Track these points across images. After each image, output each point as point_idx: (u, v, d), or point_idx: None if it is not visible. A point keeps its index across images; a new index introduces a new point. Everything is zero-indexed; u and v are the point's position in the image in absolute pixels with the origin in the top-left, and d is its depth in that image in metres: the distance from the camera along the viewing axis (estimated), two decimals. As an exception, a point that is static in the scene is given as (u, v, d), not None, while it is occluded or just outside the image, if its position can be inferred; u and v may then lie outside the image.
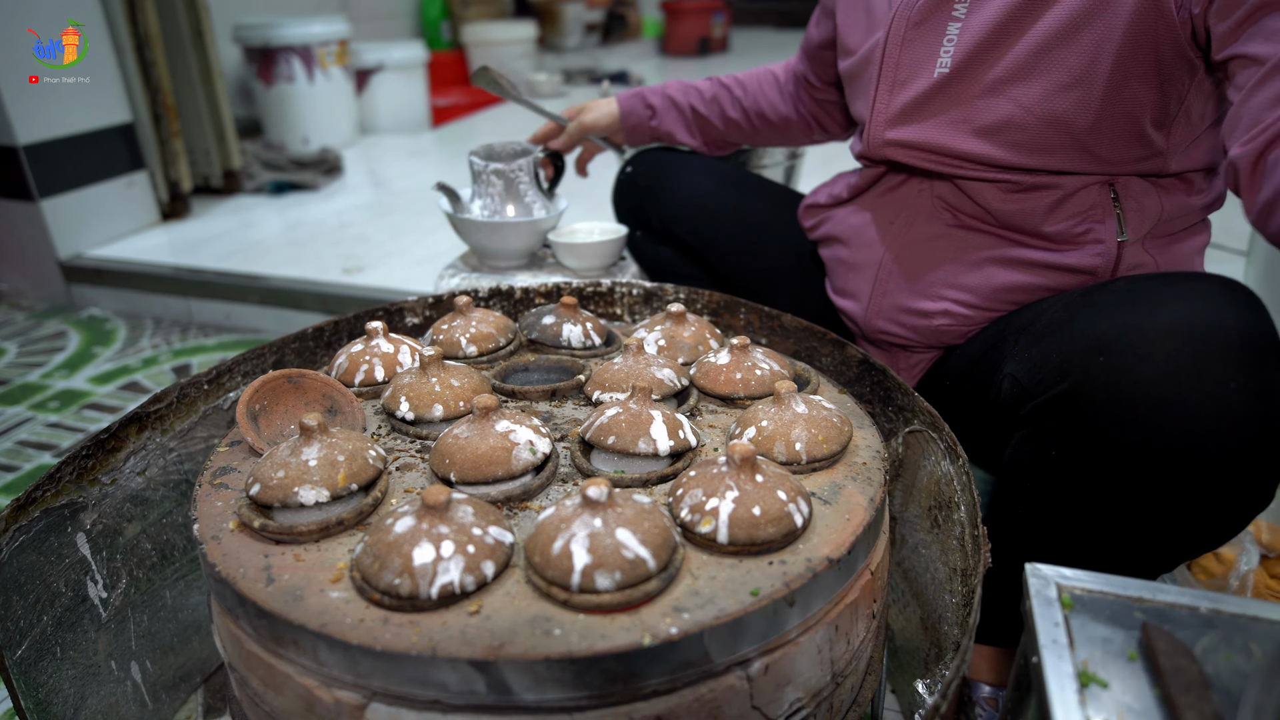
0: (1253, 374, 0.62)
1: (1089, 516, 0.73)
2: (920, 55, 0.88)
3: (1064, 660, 0.51)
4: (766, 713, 0.59)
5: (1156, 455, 0.65)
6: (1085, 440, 0.69)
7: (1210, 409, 0.62)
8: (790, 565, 0.59)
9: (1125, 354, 0.65)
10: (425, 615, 0.55)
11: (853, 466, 0.72)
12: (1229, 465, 0.64)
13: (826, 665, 0.63)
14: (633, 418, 0.70)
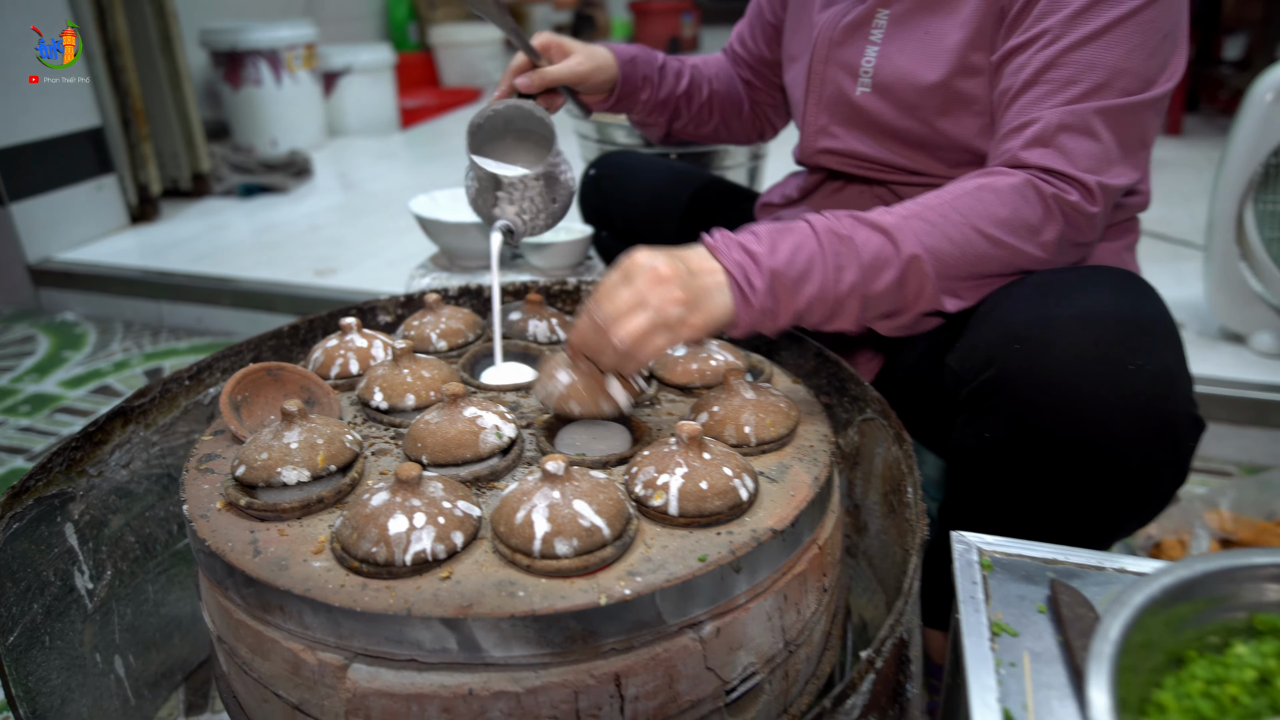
0: (1149, 356, 0.70)
1: (1025, 495, 0.80)
2: (843, 73, 0.97)
3: (979, 613, 0.58)
4: (720, 674, 0.65)
5: (1071, 434, 0.72)
6: (1011, 422, 0.76)
7: (1113, 389, 0.70)
8: (737, 535, 0.66)
9: (1037, 341, 0.72)
10: (400, 581, 0.61)
11: (800, 449, 0.79)
12: (1135, 441, 0.71)
13: (778, 633, 0.69)
14: (589, 381, 0.76)
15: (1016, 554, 0.64)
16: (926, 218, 0.77)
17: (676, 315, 0.71)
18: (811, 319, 0.77)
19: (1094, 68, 0.76)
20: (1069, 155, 0.76)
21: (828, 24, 0.97)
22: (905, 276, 0.76)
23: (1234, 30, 3.69)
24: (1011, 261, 0.78)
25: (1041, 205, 0.76)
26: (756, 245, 0.75)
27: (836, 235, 0.76)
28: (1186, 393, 0.73)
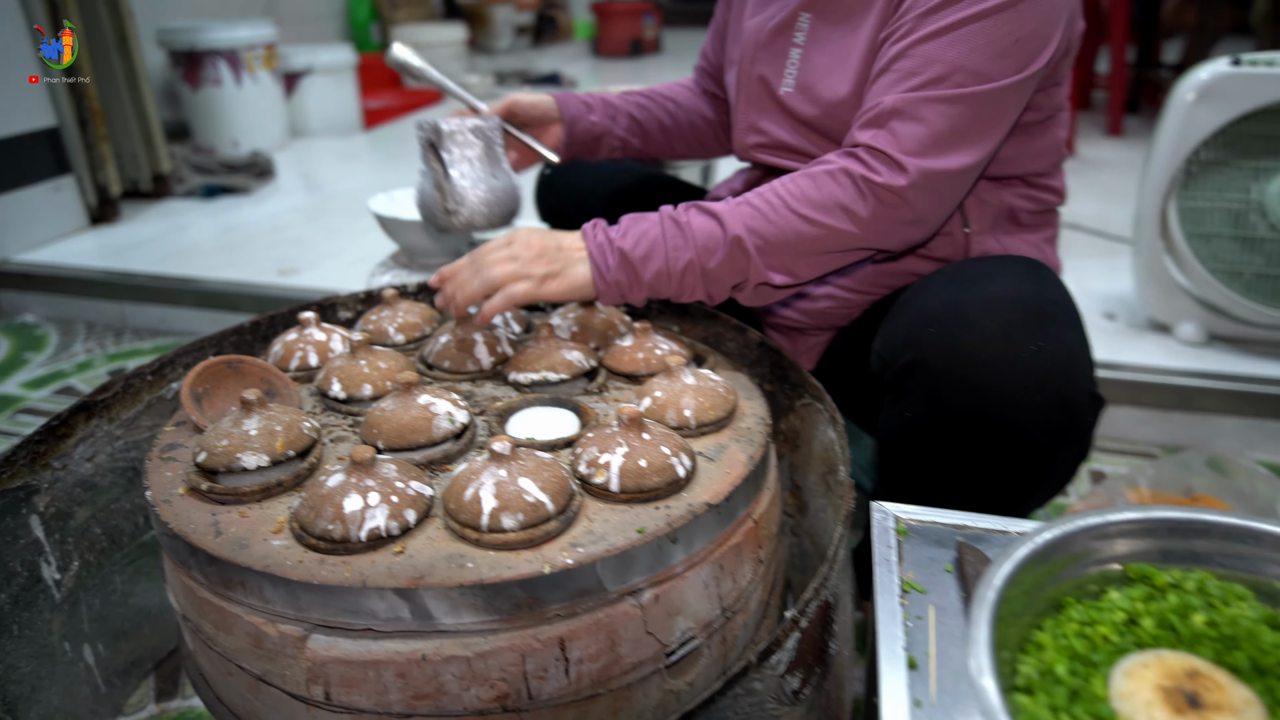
0: (1050, 338, 0.75)
1: (945, 468, 0.85)
2: (768, 73, 1.03)
3: (892, 574, 0.63)
4: (660, 638, 0.70)
5: (981, 410, 0.78)
6: (929, 401, 0.81)
7: (1018, 368, 0.75)
8: (674, 509, 0.70)
9: (949, 325, 0.78)
10: (356, 556, 0.64)
11: (738, 430, 0.83)
12: (1039, 416, 0.77)
13: (715, 600, 0.74)
14: (548, 346, 0.86)
15: (929, 521, 0.69)
16: (753, 203, 0.87)
17: (540, 273, 0.87)
18: (665, 291, 0.89)
19: (935, 62, 0.83)
20: (895, 137, 0.84)
21: (756, 28, 1.03)
22: (733, 254, 0.86)
23: (1172, 34, 3.82)
24: (829, 238, 0.85)
25: (853, 187, 0.84)
26: (614, 231, 0.89)
27: (675, 221, 0.88)
28: (1086, 372, 0.79)
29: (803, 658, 0.66)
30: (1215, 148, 1.55)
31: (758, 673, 0.60)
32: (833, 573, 0.69)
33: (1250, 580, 0.53)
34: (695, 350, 1.01)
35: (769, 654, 0.61)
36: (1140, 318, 1.70)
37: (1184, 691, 0.43)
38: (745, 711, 0.61)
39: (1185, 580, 0.52)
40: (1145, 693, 0.44)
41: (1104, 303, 1.77)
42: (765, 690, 0.62)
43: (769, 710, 0.63)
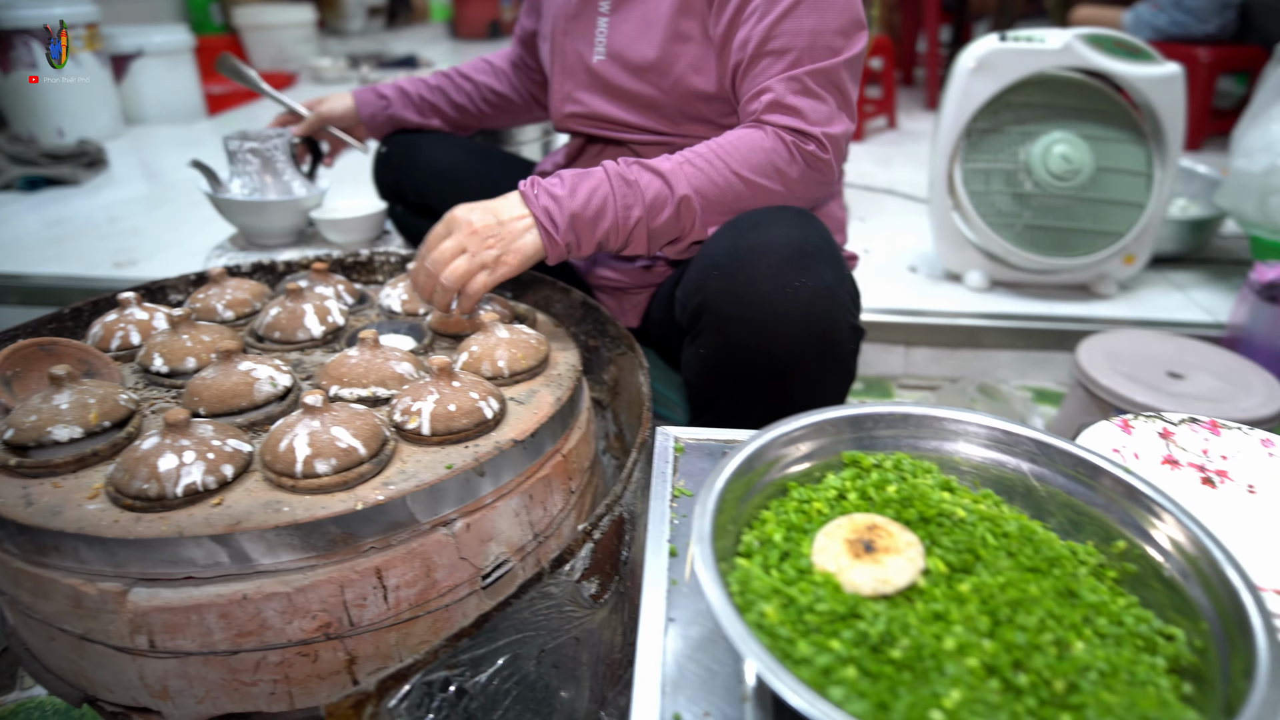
0: (811, 276, 0.86)
1: (734, 397, 0.95)
2: (579, 44, 1.09)
3: (665, 483, 0.72)
4: (474, 562, 0.76)
5: (759, 343, 0.88)
6: (716, 338, 0.91)
7: (785, 303, 0.85)
8: (481, 447, 0.77)
9: (728, 268, 0.87)
10: (173, 512, 0.67)
11: (549, 377, 0.91)
12: (805, 345, 0.87)
13: (526, 526, 0.81)
14: (373, 358, 0.85)
15: (703, 439, 0.78)
16: (695, 164, 0.93)
17: (492, 257, 0.89)
18: (610, 247, 0.94)
19: (798, 34, 0.93)
20: (803, 115, 0.94)
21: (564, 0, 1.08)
22: (680, 212, 0.92)
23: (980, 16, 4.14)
24: (759, 198, 0.94)
25: (787, 152, 0.94)
26: (560, 189, 0.91)
27: (625, 179, 0.91)
28: (845, 305, 0.90)
29: (599, 565, 0.74)
30: (989, 115, 1.73)
31: (551, 579, 0.68)
32: (626, 491, 0.78)
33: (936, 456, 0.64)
34: (516, 311, 1.08)
35: (561, 562, 0.68)
36: (937, 269, 1.88)
37: (863, 541, 0.53)
38: (544, 614, 0.68)
39: (885, 460, 0.63)
40: (835, 546, 0.54)
41: (910, 258, 1.95)
42: (562, 595, 0.70)
43: (568, 613, 0.71)
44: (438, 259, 0.89)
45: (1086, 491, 0.60)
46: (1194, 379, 1.28)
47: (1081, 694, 0.46)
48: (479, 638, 0.63)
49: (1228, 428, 0.74)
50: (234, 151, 1.37)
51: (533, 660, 0.68)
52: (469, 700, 0.63)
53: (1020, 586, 0.51)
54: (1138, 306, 1.72)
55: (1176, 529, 0.54)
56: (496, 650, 0.65)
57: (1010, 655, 0.47)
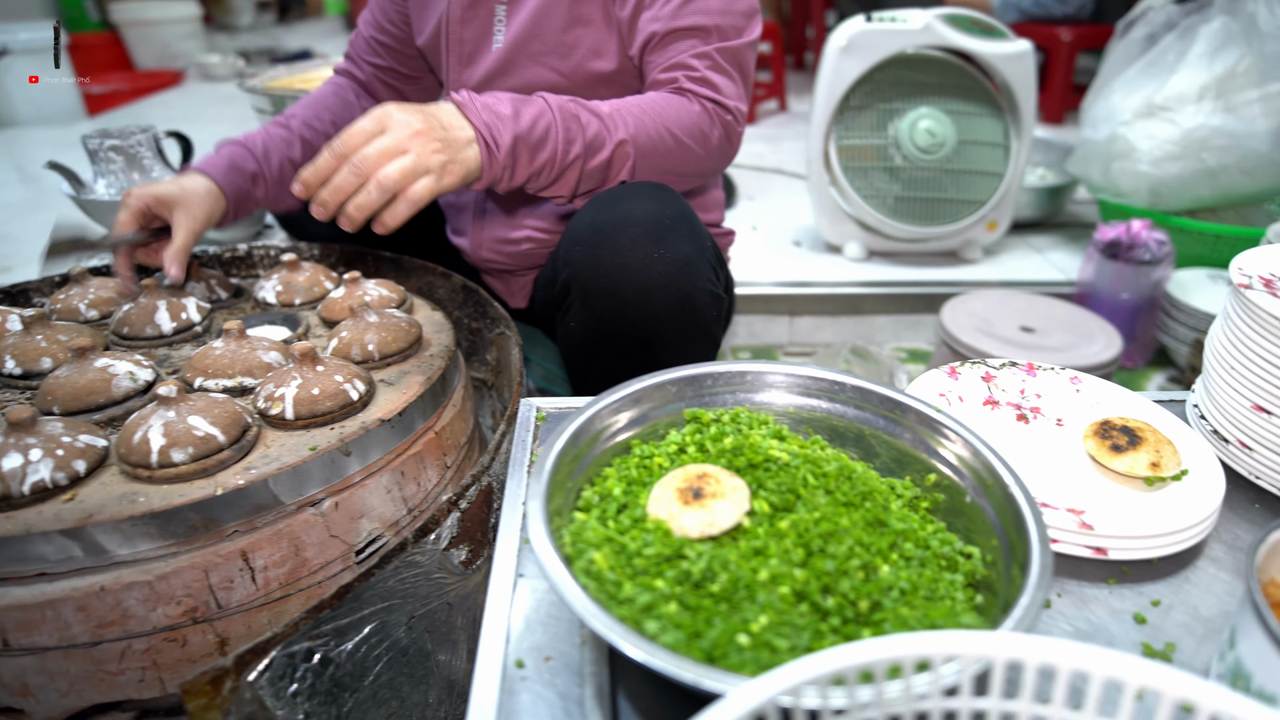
0: (669, 247, 0.88)
1: (605, 366, 0.96)
2: (478, 33, 1.07)
3: (524, 450, 0.74)
4: (346, 539, 0.77)
5: (622, 313, 0.90)
6: (583, 310, 0.92)
7: (643, 275, 0.87)
8: (347, 427, 0.77)
9: (591, 242, 0.89)
10: (21, 510, 0.66)
11: (421, 359, 0.91)
12: (666, 314, 0.89)
13: (399, 502, 0.81)
14: (238, 347, 0.84)
15: (565, 407, 0.80)
16: (631, 112, 0.92)
17: (439, 162, 0.78)
18: (539, 183, 0.89)
19: (708, 13, 0.96)
20: (719, 89, 0.97)
21: None
22: (614, 157, 0.91)
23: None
24: (685, 158, 0.96)
25: (709, 118, 0.96)
26: (503, 109, 0.85)
27: (568, 112, 0.89)
28: (705, 274, 0.92)
29: (468, 533, 0.75)
30: (860, 93, 1.80)
31: (416, 548, 0.69)
32: (494, 461, 0.79)
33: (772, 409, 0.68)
34: (403, 294, 1.07)
35: (426, 532, 0.70)
36: (819, 243, 1.95)
37: (692, 489, 0.56)
38: (411, 582, 0.69)
39: (724, 415, 0.66)
40: (668, 495, 0.56)
41: (795, 233, 2.01)
42: (429, 563, 0.71)
43: (438, 580, 0.72)
44: (369, 155, 0.76)
45: (899, 428, 0.64)
46: (1045, 332, 1.36)
47: (883, 611, 0.50)
48: (341, 608, 0.64)
49: (1043, 369, 0.80)
50: (94, 150, 1.31)
51: (403, 627, 0.69)
52: (335, 669, 0.64)
53: (833, 520, 0.54)
54: (1000, 269, 1.82)
55: (967, 451, 0.59)
56: (362, 619, 0.65)
57: (820, 581, 0.51)
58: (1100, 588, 0.59)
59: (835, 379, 0.67)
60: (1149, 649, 0.54)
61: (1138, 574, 0.60)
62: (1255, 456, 0.66)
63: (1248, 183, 1.61)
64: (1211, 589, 0.59)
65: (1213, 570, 0.61)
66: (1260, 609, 0.44)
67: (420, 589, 0.70)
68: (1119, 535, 0.58)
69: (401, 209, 0.78)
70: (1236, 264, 0.68)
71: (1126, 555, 0.59)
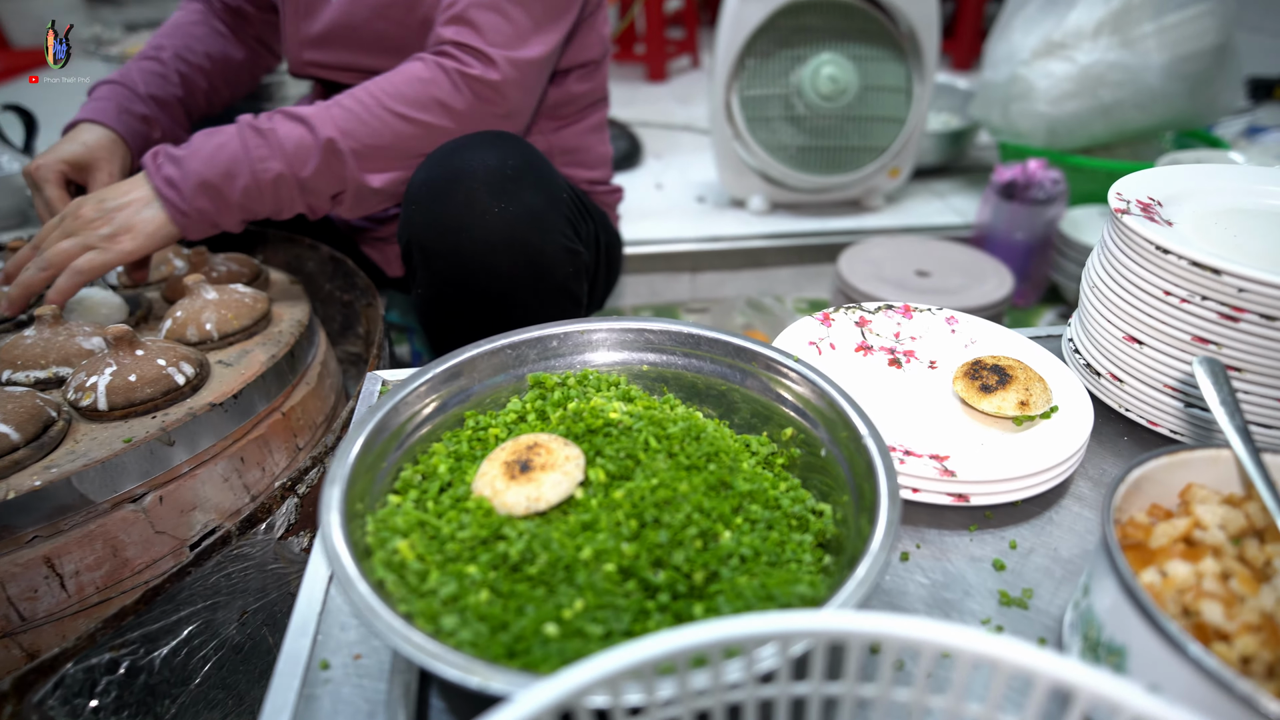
0: (512, 200, 0.79)
1: (457, 330, 0.88)
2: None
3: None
4: (176, 534, 0.68)
5: (467, 271, 0.81)
6: (427, 273, 0.84)
7: (485, 230, 0.79)
8: (171, 414, 0.68)
9: (426, 200, 0.80)
10: None
11: (269, 335, 0.82)
12: (514, 272, 0.81)
13: (240, 490, 0.73)
14: (53, 335, 0.74)
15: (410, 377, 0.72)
16: (345, 104, 0.82)
17: (102, 235, 0.77)
18: (262, 210, 0.81)
19: None
20: (480, 31, 0.84)
21: None
22: (328, 160, 0.80)
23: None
24: (427, 136, 0.84)
25: (448, 82, 0.84)
26: (182, 152, 0.78)
27: (257, 130, 0.79)
28: (556, 228, 0.83)
29: (310, 519, 0.68)
30: (762, 41, 1.72)
31: (244, 539, 0.61)
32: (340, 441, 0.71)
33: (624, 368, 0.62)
34: (255, 268, 0.98)
35: (254, 523, 0.62)
36: (723, 198, 1.88)
37: (520, 461, 0.50)
38: (240, 576, 0.62)
39: (570, 378, 0.60)
40: (494, 470, 0.50)
41: (698, 189, 1.94)
42: (262, 554, 0.63)
43: (275, 570, 0.65)
44: (43, 239, 0.78)
45: (753, 380, 0.58)
46: (939, 275, 1.33)
47: (720, 582, 0.45)
48: (150, 613, 0.56)
49: (919, 310, 0.75)
50: None
51: (234, 624, 0.62)
52: (149, 676, 0.56)
53: (672, 486, 0.48)
54: (902, 216, 1.78)
55: (821, 401, 0.54)
56: (179, 622, 0.58)
57: (652, 555, 0.45)
58: (961, 535, 0.55)
59: (688, 331, 0.61)
60: (1005, 596, 0.50)
61: (1001, 518, 0.56)
62: (1126, 389, 0.62)
63: (1141, 117, 1.59)
64: (1073, 528, 0.55)
65: (1076, 509, 0.57)
66: (1113, 553, 0.40)
67: (252, 582, 0.62)
68: (981, 480, 0.54)
69: (63, 281, 0.76)
70: (1115, 189, 0.63)
71: (989, 500, 0.54)
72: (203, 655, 0.59)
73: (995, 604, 0.49)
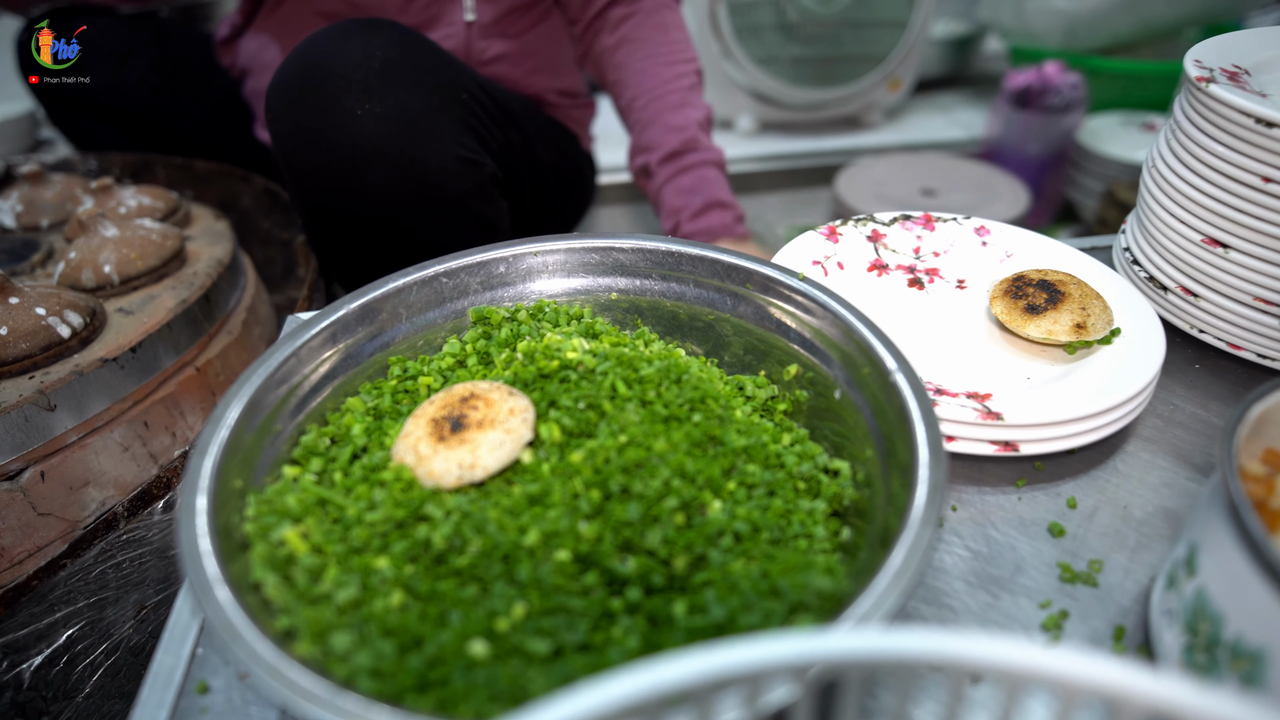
0: (384, 101, 0.65)
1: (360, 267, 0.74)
2: None
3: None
4: (65, 516, 0.57)
5: (340, 191, 0.67)
6: (298, 194, 0.70)
7: (351, 138, 0.65)
8: (53, 373, 0.57)
9: (281, 104, 0.66)
10: None
11: (181, 277, 0.70)
12: (392, 186, 0.67)
13: (144, 460, 0.62)
14: None
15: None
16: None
17: None
18: None
19: None
20: None
21: None
22: None
23: None
24: None
25: None
26: None
27: None
28: (448, 134, 0.69)
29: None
30: (745, -57, 1.56)
31: (136, 521, 0.51)
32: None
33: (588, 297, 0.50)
34: (173, 201, 0.85)
35: (148, 501, 0.51)
36: (711, 118, 1.74)
37: (450, 418, 0.39)
38: (134, 566, 0.51)
39: (520, 312, 0.48)
40: (419, 430, 0.39)
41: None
42: (164, 538, 0.53)
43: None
44: None
45: (749, 307, 0.47)
46: (946, 193, 1.21)
47: (708, 569, 0.34)
48: (11, 618, 0.45)
49: (942, 220, 0.63)
50: None
51: (129, 623, 0.51)
52: (15, 694, 0.46)
53: (645, 444, 0.37)
54: (903, 132, 1.64)
55: (836, 330, 0.43)
56: (53, 626, 0.47)
57: (619, 536, 0.34)
58: (1007, 493, 0.44)
59: (666, 249, 0.49)
60: (1068, 570, 0.39)
61: (1053, 470, 0.46)
62: (1202, 304, 0.51)
63: (1168, 10, 1.45)
64: (1145, 480, 0.45)
65: (1146, 455, 0.46)
66: (1244, 517, 0.29)
67: (151, 572, 0.52)
68: (1033, 423, 0.43)
69: None
70: (1193, 56, 0.51)
71: (1042, 448, 0.44)
72: (90, 662, 0.49)
73: (1055, 580, 0.39)
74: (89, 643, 0.49)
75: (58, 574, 0.47)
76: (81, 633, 0.48)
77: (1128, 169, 1.31)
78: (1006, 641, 0.21)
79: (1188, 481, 0.44)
